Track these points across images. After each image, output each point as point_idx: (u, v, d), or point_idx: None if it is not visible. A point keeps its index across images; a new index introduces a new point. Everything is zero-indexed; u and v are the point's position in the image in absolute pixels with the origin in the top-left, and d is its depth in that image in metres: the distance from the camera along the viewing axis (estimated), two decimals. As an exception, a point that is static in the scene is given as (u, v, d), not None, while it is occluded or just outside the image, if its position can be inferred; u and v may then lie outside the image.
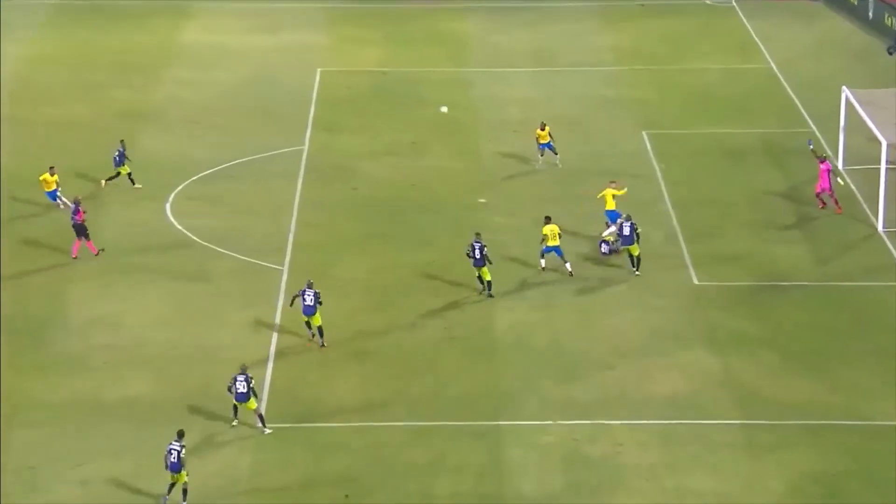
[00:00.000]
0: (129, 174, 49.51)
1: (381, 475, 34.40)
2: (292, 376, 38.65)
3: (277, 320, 41.40)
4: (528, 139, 52.60)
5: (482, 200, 49.14)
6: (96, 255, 44.54)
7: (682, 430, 36.21)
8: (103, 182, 49.55)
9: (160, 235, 46.19)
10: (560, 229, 43.64)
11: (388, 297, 42.79)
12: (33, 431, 36.00)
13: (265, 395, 37.45)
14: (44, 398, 37.49)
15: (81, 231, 44.43)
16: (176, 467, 32.99)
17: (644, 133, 55.13)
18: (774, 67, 62.40)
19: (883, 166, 46.76)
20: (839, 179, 47.53)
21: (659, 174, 51.42)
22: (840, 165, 51.16)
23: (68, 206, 45.76)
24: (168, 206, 48.63)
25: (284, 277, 43.86)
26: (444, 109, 50.49)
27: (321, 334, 39.79)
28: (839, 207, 47.72)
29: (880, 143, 46.90)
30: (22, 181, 49.91)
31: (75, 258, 44.46)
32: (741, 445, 35.54)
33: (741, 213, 48.52)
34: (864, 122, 48.93)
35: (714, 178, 51.35)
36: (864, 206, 48.30)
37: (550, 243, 43.43)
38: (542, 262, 43.71)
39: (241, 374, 35.75)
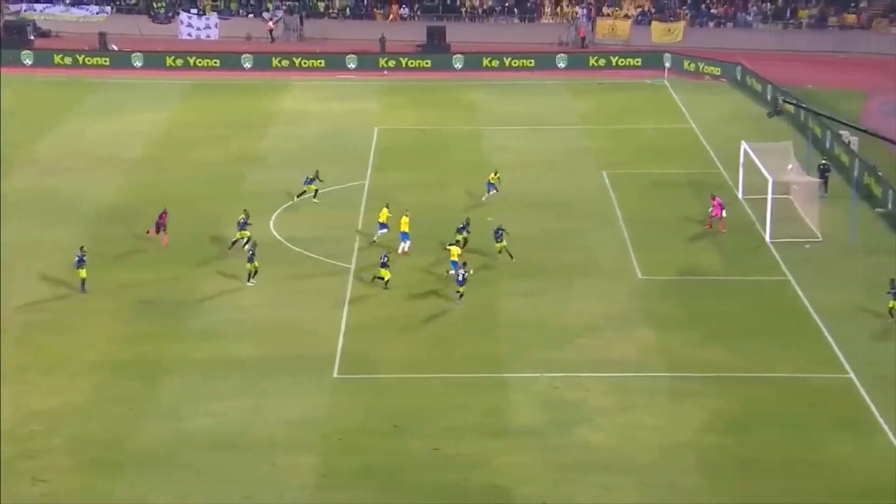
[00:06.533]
0: (316, 192, 50.03)
1: (421, 412, 34.30)
2: (359, 343, 38.47)
3: (346, 303, 41.22)
4: (521, 176, 52.47)
5: (490, 219, 48.89)
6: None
7: (631, 381, 36.04)
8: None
9: (265, 243, 45.84)
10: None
11: (424, 286, 42.42)
12: (177, 379, 35.97)
13: (338, 358, 37.24)
14: (185, 356, 37.44)
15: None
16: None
17: (603, 172, 54.89)
18: (695, 128, 62.17)
19: (769, 196, 46.49)
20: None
21: (614, 199, 51.18)
22: (740, 196, 50.92)
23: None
24: (272, 222, 48.48)
25: (351, 273, 43.70)
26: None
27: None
28: (724, 227, 47.16)
29: (768, 180, 46.68)
30: (166, 203, 50.03)
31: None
32: (671, 393, 35.35)
33: (673, 228, 48.07)
34: (757, 166, 48.66)
35: (654, 203, 50.88)
36: (757, 223, 48.06)
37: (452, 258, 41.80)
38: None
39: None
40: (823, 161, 52.46)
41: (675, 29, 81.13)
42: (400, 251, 44.87)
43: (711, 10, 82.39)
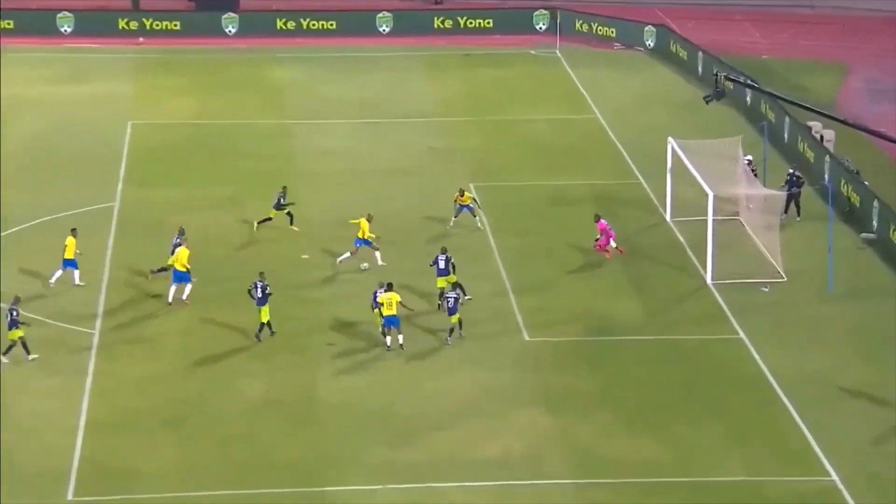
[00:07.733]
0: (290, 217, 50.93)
1: (202, 548, 34.06)
2: (104, 446, 37.92)
3: (88, 386, 40.72)
4: (352, 191, 52.47)
5: (305, 257, 48.87)
6: None
7: (517, 491, 36.24)
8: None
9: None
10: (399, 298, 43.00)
11: (205, 360, 42.32)
12: None
13: (74, 466, 36.76)
14: None
15: None
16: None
17: (471, 185, 55.30)
18: (601, 117, 63.31)
19: (710, 218, 47.33)
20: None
21: (487, 225, 51.69)
22: (667, 217, 52.07)
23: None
24: (-32, 267, 47.64)
25: (95, 341, 43.21)
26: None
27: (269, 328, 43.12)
28: (609, 254, 48.76)
29: (707, 195, 47.39)
30: None
31: None
32: (577, 506, 35.71)
33: (572, 265, 48.89)
34: (689, 172, 49.54)
35: (544, 230, 51.65)
36: (693, 257, 49.09)
37: (386, 312, 42.59)
38: (387, 339, 42.99)
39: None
40: (792, 171, 52.85)
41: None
42: (184, 296, 45.11)
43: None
